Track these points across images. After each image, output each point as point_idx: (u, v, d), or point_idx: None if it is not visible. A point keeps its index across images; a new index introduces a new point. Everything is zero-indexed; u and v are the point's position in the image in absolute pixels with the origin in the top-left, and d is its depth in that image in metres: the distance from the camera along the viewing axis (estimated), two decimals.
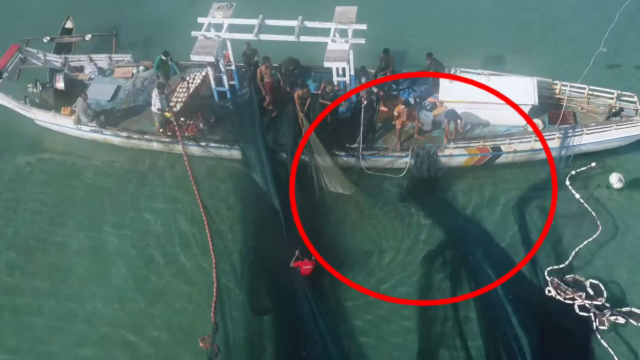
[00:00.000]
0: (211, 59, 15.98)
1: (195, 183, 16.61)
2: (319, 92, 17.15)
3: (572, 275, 14.29)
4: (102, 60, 19.37)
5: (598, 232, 15.05)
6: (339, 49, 15.63)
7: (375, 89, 17.05)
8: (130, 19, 23.35)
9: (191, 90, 17.85)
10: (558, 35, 21.99)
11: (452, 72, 17.35)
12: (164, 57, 17.77)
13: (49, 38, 20.94)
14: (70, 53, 20.83)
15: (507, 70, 19.86)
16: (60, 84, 18.58)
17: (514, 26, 22.50)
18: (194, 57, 16.15)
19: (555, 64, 20.62)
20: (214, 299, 14.11)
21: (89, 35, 21.19)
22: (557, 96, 17.07)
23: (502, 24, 22.55)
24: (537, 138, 15.91)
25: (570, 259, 14.65)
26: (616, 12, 19.34)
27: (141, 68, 19.28)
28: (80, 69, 19.46)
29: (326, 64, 15.72)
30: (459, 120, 16.15)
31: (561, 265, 14.50)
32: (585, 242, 14.90)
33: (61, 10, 22.70)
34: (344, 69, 16.51)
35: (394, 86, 17.95)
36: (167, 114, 16.80)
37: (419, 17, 23.07)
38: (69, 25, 21.82)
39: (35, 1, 24.80)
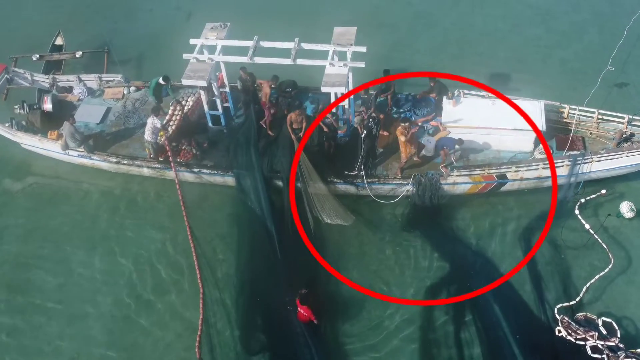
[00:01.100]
0: (204, 83, 15.26)
1: (186, 211, 15.88)
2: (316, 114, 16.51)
3: (584, 313, 13.55)
4: (91, 80, 18.67)
5: (610, 266, 14.30)
6: (338, 73, 14.90)
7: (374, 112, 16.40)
8: (123, 34, 22.78)
9: (184, 113, 17.09)
10: (564, 52, 21.29)
11: (456, 95, 16.62)
12: (162, 82, 17.06)
13: (38, 56, 20.25)
14: (60, 71, 20.16)
15: (512, 89, 19.33)
16: (47, 105, 17.86)
17: (519, 42, 21.81)
18: (186, 82, 15.42)
19: (561, 82, 20.02)
20: (198, 333, 13.49)
21: (80, 52, 20.51)
22: (564, 120, 16.33)
23: (506, 39, 21.90)
24: (545, 164, 15.16)
25: (581, 295, 13.91)
26: (624, 27, 18.78)
27: (132, 89, 18.57)
28: (69, 89, 18.75)
29: (324, 89, 14.99)
30: (451, 150, 15.59)
31: (571, 302, 13.76)
32: (596, 277, 14.16)
33: (51, 26, 22.07)
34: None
35: (394, 109, 17.22)
36: (161, 133, 16.05)
37: (420, 34, 22.43)
38: (59, 41, 21.13)
39: (24, 17, 24.16)
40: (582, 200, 15.68)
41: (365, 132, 15.56)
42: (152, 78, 17.74)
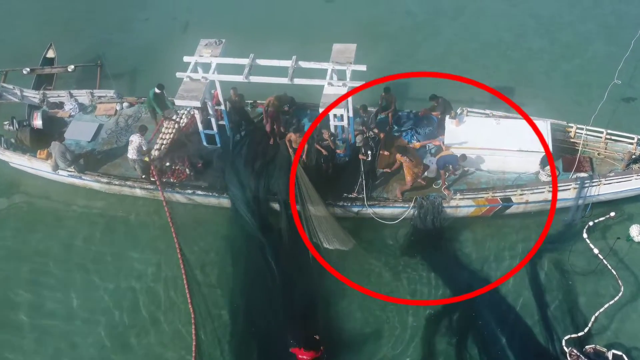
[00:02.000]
0: (197, 104, 14.69)
1: (179, 234, 15.33)
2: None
3: (593, 345, 12.97)
4: (83, 96, 18.09)
5: (620, 294, 13.75)
6: (336, 93, 14.33)
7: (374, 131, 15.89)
8: (117, 46, 22.27)
9: (177, 132, 16.56)
10: (569, 65, 20.76)
11: (459, 113, 16.07)
12: (157, 91, 16.51)
13: (29, 69, 19.79)
14: (51, 85, 19.66)
15: (516, 103, 18.80)
16: (37, 122, 17.33)
17: (523, 54, 21.30)
18: (179, 102, 14.84)
19: (566, 96, 19.51)
20: None
21: (72, 66, 20.02)
22: (571, 140, 15.78)
23: (510, 51, 21.39)
24: (549, 188, 14.63)
25: (589, 325, 13.35)
26: (631, 39, 18.23)
27: (125, 104, 18.00)
28: (60, 105, 18.17)
29: (322, 110, 14.41)
30: (456, 170, 15.12)
31: (580, 334, 13.19)
32: (606, 305, 13.60)
33: (43, 38, 21.56)
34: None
35: (395, 127, 16.67)
36: (145, 159, 15.52)
37: (421, 45, 21.90)
38: (50, 54, 20.61)
39: (15, 28, 23.56)
40: (590, 223, 15.12)
41: (370, 152, 15.02)
42: (146, 94, 17.20)
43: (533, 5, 23.35)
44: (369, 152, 15.05)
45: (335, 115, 14.73)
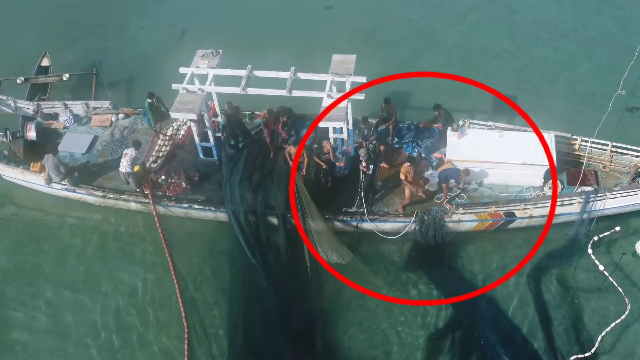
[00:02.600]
0: (193, 116, 14.36)
1: (172, 252, 15.01)
2: (314, 145, 15.66)
3: None
4: (78, 107, 17.74)
5: (626, 312, 13.40)
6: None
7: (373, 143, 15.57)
8: (114, 54, 21.95)
9: (173, 143, 16.23)
10: (573, 74, 20.41)
11: (461, 125, 15.74)
12: (149, 100, 16.20)
13: (23, 79, 19.42)
14: (46, 94, 19.29)
15: (517, 114, 18.52)
16: (31, 134, 17.00)
17: (525, 62, 20.95)
18: (175, 115, 14.52)
19: (569, 106, 19.20)
20: None
21: (67, 75, 19.67)
22: (576, 152, 15.44)
23: (512, 59, 21.04)
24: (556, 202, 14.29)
25: (596, 345, 13.00)
26: (635, 47, 17.92)
27: (121, 116, 17.67)
28: (55, 116, 17.84)
29: (321, 124, 14.08)
30: (452, 181, 14.77)
31: (586, 354, 12.86)
32: (612, 325, 13.27)
33: (38, 46, 21.23)
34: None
35: (396, 139, 16.33)
36: (136, 168, 15.18)
37: (422, 53, 21.55)
38: (45, 62, 20.24)
39: (9, 36, 23.18)
40: (595, 238, 14.77)
41: (372, 165, 14.70)
42: (142, 104, 16.99)
43: (535, 12, 23.01)
44: (370, 166, 14.69)
45: (334, 128, 14.35)
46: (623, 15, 22.57)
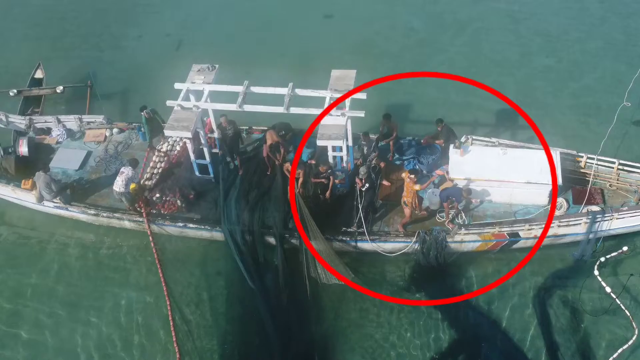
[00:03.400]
0: (188, 135, 13.95)
1: (166, 273, 14.61)
2: (312, 161, 15.25)
3: None
4: (71, 121, 17.33)
5: (634, 337, 12.97)
6: (335, 123, 13.59)
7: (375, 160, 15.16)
8: (109, 64, 21.59)
9: (168, 160, 15.82)
10: (576, 85, 20.02)
11: (463, 141, 15.34)
12: (146, 114, 15.86)
13: (15, 91, 19.17)
14: (39, 107, 18.97)
15: (521, 126, 18.10)
16: (23, 149, 16.61)
17: (528, 72, 20.56)
18: (169, 133, 14.11)
19: (574, 118, 18.82)
20: None
21: (61, 87, 19.34)
22: (582, 170, 15.02)
23: (515, 70, 20.63)
24: (562, 222, 13.87)
25: None
26: None
27: (115, 130, 17.25)
28: (47, 131, 17.42)
29: (319, 143, 13.69)
30: (460, 204, 14.39)
31: None
32: (619, 350, 12.84)
33: (31, 57, 20.89)
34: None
35: (397, 155, 15.92)
36: (132, 186, 14.78)
37: (424, 63, 21.01)
38: (39, 74, 19.92)
39: (1, 47, 22.82)
40: (602, 259, 14.30)
41: (367, 184, 14.29)
42: (137, 117, 16.65)
43: (538, 21, 22.65)
44: (366, 185, 14.23)
45: (334, 149, 13.95)
46: (628, 24, 22.19)
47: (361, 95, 13.94)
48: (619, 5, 23.15)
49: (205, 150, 15.10)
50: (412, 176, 13.83)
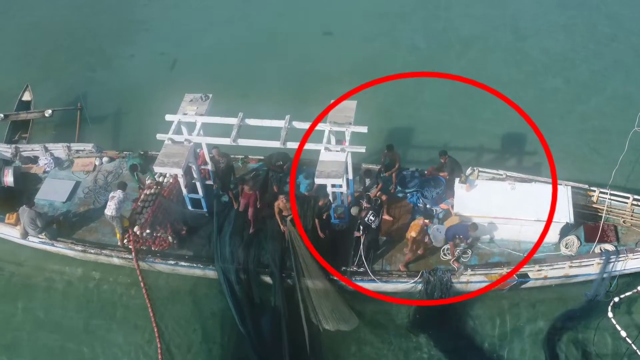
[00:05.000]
0: (179, 171, 13.21)
1: (157, 313, 13.91)
2: (311, 194, 14.56)
3: None
4: (59, 149, 16.59)
5: None
6: (334, 160, 12.84)
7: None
8: (100, 85, 20.86)
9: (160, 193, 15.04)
10: (585, 107, 19.29)
11: (469, 173, 14.61)
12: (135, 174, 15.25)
13: (2, 115, 18.45)
14: (27, 132, 18.28)
15: (528, 152, 17.42)
16: (8, 179, 15.87)
17: (535, 94, 19.78)
18: (159, 170, 13.38)
19: (583, 144, 18.11)
20: None
21: (49, 111, 18.63)
22: (594, 205, 14.28)
23: (521, 91, 19.72)
24: (573, 263, 13.15)
25: None
26: None
27: (105, 159, 16.50)
28: (34, 159, 16.69)
29: (318, 181, 12.94)
30: (467, 240, 13.63)
31: None
32: None
33: (19, 78, 20.16)
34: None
35: (399, 187, 15.19)
36: (126, 224, 14.07)
37: (426, 83, 20.20)
38: (27, 97, 19.22)
39: None
40: (616, 299, 13.52)
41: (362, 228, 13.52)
42: (129, 144, 16.45)
43: (543, 39, 21.89)
44: (365, 234, 13.44)
45: (333, 185, 13.22)
46: (637, 42, 21.43)
47: (362, 129, 13.22)
48: (628, 21, 22.36)
49: (199, 185, 14.34)
50: (427, 221, 13.16)
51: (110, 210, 14.05)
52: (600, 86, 19.94)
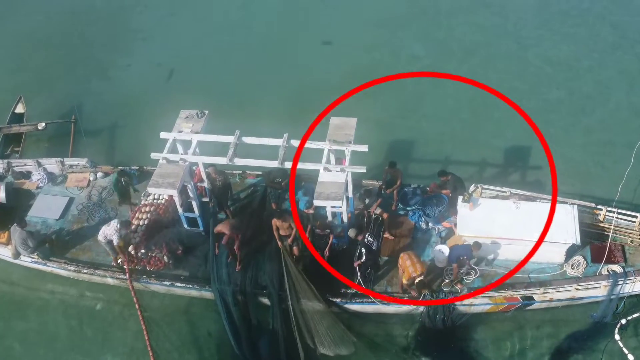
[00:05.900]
0: (174, 192, 12.82)
1: (151, 334, 13.55)
2: (310, 211, 14.19)
3: None
4: (52, 164, 16.21)
5: None
6: (334, 181, 12.45)
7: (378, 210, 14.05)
8: (95, 96, 20.49)
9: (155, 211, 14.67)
10: (589, 120, 18.89)
11: (472, 191, 14.23)
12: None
13: None
14: (19, 146, 17.91)
15: (532, 166, 17.08)
16: (1, 195, 15.50)
17: (539, 105, 19.33)
18: (153, 190, 13.00)
19: (587, 157, 17.72)
20: None
21: (43, 124, 18.25)
22: (600, 224, 13.91)
23: (524, 102, 19.21)
24: (580, 286, 12.80)
25: None
26: None
27: (99, 174, 16.12)
28: (27, 175, 16.32)
29: (317, 203, 12.55)
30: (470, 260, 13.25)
31: None
32: None
33: (12, 90, 19.72)
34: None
35: (400, 205, 14.82)
36: (120, 244, 13.68)
37: (427, 94, 19.94)
38: (20, 109, 18.88)
39: None
40: (623, 321, 13.24)
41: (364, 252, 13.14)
42: (125, 159, 16.10)
43: (547, 48, 21.49)
44: (365, 260, 13.07)
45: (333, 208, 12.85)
46: None
47: (362, 148, 12.85)
48: (632, 30, 21.96)
49: (194, 204, 13.96)
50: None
51: (102, 236, 13.68)
52: (604, 97, 19.55)
